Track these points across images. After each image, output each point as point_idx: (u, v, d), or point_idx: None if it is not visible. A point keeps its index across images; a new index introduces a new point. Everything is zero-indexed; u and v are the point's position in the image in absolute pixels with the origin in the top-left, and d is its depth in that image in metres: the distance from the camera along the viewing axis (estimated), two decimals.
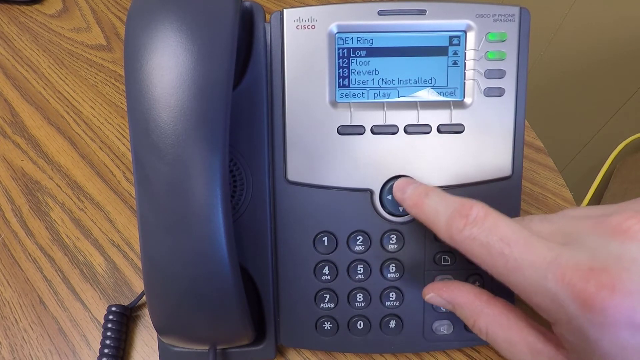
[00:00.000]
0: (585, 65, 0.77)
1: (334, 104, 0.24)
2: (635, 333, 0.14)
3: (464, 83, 0.24)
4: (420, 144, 0.24)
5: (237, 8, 0.21)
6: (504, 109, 0.24)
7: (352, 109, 0.24)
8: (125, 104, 0.31)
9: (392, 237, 0.24)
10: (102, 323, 0.28)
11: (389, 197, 0.24)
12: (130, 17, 0.21)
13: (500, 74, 0.24)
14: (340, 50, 0.24)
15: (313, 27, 0.24)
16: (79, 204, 0.35)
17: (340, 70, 0.24)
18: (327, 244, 0.25)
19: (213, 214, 0.20)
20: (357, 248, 0.25)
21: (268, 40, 0.24)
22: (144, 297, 0.25)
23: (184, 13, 0.20)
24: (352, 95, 0.24)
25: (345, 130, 0.24)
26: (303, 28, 0.24)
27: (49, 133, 0.40)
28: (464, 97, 0.24)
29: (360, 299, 0.25)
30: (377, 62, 0.24)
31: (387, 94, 0.24)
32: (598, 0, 0.67)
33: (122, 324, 0.28)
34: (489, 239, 0.17)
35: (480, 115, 0.24)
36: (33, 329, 0.30)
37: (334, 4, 0.24)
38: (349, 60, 0.24)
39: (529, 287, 0.16)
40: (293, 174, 0.24)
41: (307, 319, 0.26)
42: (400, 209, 0.24)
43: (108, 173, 0.37)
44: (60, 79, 0.44)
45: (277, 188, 0.25)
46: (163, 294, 0.21)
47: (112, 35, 0.48)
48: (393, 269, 0.25)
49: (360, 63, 0.24)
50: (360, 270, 0.25)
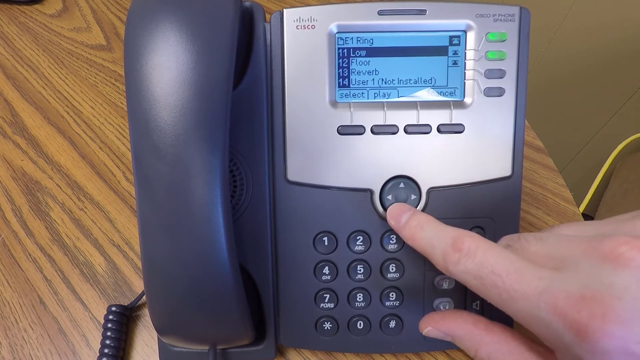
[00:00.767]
0: (585, 65, 0.77)
1: (334, 104, 0.24)
2: None
3: (464, 83, 0.24)
4: (421, 144, 0.24)
5: (237, 8, 0.21)
6: (504, 109, 0.24)
7: (352, 109, 0.24)
8: (125, 104, 0.31)
9: (392, 237, 0.24)
10: (102, 323, 0.28)
11: (389, 197, 0.24)
12: (130, 17, 0.21)
13: (500, 74, 0.24)
14: (340, 50, 0.24)
15: (313, 27, 0.24)
16: (79, 204, 0.35)
17: (340, 70, 0.24)
18: (327, 244, 0.25)
19: (213, 214, 0.20)
20: (357, 248, 0.25)
21: (268, 40, 0.24)
22: (144, 297, 0.25)
23: (184, 13, 0.20)
24: (352, 95, 0.24)
25: (345, 130, 0.24)
26: (303, 28, 0.24)
27: (49, 133, 0.40)
28: (464, 97, 0.24)
29: (360, 299, 0.25)
30: (377, 62, 0.24)
31: (387, 94, 0.24)
32: (598, 0, 0.67)
33: (122, 324, 0.28)
34: (481, 272, 0.17)
35: (481, 115, 0.24)
36: (33, 329, 0.30)
37: (334, 4, 0.24)
38: (349, 60, 0.24)
39: (526, 317, 0.16)
40: (293, 174, 0.24)
41: (307, 319, 0.26)
42: None
43: (108, 173, 0.37)
44: (60, 79, 0.44)
45: (277, 188, 0.25)
46: (163, 294, 0.21)
47: (112, 35, 0.48)
48: (393, 269, 0.25)
49: (360, 63, 0.24)
50: (360, 270, 0.25)
